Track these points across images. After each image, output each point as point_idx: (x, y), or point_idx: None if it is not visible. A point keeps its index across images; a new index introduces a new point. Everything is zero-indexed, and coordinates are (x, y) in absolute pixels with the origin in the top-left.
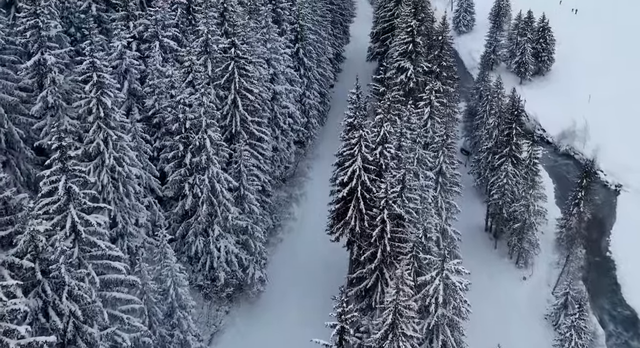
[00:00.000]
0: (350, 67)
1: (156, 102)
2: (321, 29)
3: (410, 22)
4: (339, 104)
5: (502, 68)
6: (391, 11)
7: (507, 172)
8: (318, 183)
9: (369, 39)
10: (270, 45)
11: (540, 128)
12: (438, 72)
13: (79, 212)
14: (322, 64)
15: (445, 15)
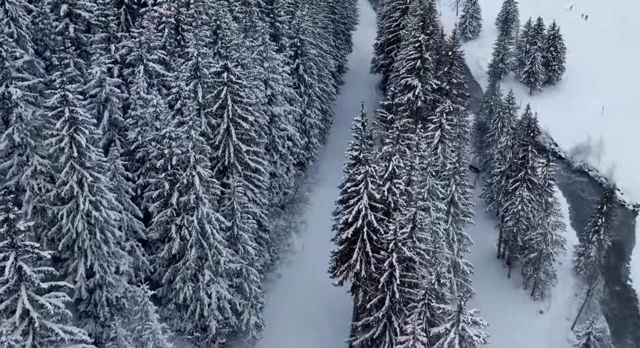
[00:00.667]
0: (353, 78)
1: (139, 135)
2: (322, 41)
3: (418, 36)
4: (341, 118)
5: (511, 77)
6: (397, 21)
7: (522, 197)
8: (320, 209)
9: (372, 46)
10: (267, 65)
11: (552, 142)
12: (448, 90)
13: (31, 294)
14: (324, 79)
15: (455, 29)
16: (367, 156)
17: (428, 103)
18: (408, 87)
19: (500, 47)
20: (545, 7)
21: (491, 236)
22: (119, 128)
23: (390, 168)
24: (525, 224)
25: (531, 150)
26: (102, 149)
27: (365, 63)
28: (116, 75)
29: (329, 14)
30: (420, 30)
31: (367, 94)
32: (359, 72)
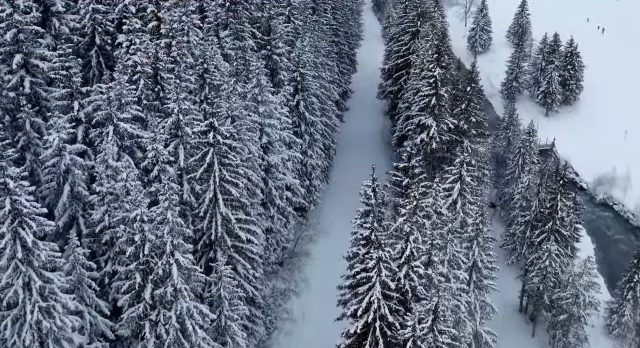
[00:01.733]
0: (358, 100)
1: (106, 214)
2: (326, 69)
3: (433, 70)
4: (346, 147)
5: (525, 96)
6: (406, 45)
7: (550, 252)
8: (323, 264)
9: (378, 62)
10: (263, 109)
11: (572, 171)
12: (466, 129)
13: None
14: (327, 111)
15: (475, 62)
16: (380, 237)
17: (444, 143)
18: (421, 127)
19: (514, 65)
20: (558, 19)
21: (512, 287)
22: (84, 203)
23: (407, 251)
24: (553, 281)
25: (561, 199)
26: (63, 228)
27: (371, 82)
28: (80, 139)
29: (333, 35)
30: (435, 62)
31: (374, 120)
32: (364, 93)
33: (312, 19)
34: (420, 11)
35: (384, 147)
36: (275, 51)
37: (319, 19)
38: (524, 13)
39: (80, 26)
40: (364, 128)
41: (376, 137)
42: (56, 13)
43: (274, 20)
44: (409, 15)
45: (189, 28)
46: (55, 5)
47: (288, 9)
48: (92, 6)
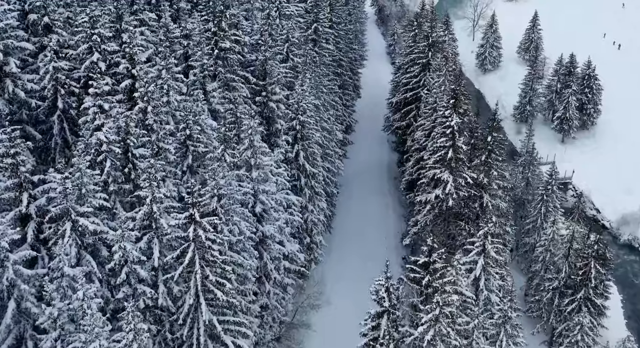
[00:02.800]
0: (361, 130)
1: (59, 340)
2: (328, 108)
3: (450, 120)
4: (349, 187)
5: (540, 120)
6: (417, 77)
7: (582, 325)
8: (324, 336)
9: (382, 82)
10: (256, 174)
11: (593, 207)
12: (486, 183)
13: None
14: (330, 156)
15: (497, 106)
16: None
17: (461, 198)
18: (436, 182)
19: (527, 87)
20: (572, 34)
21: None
22: (34, 319)
23: None
24: None
25: (595, 266)
26: None
27: (375, 105)
28: (31, 239)
29: (336, 66)
30: (452, 109)
31: (379, 150)
32: (369, 120)
33: (313, 56)
34: (432, 41)
35: (391, 184)
36: (271, 98)
37: (320, 52)
38: (535, 28)
39: (40, 87)
40: (369, 161)
41: (382, 172)
42: (10, 74)
43: (270, 62)
44: (418, 45)
45: (169, 86)
46: (9, 64)
47: (286, 46)
48: (54, 64)
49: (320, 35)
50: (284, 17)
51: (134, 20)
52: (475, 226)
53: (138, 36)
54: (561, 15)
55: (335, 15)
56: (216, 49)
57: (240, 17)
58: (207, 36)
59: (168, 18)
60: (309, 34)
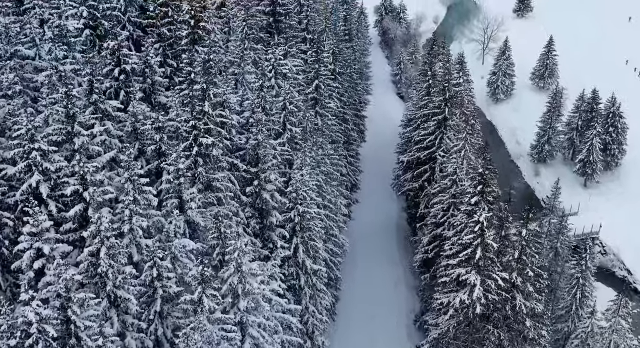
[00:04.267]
0: (367, 180)
1: None
2: (333, 179)
3: (478, 213)
4: (354, 254)
5: (559, 160)
6: (432, 135)
7: None
8: None
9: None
10: (245, 303)
11: (623, 266)
12: (519, 284)
13: None
14: (333, 236)
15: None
16: None
17: (490, 301)
18: (461, 284)
19: (546, 126)
20: (588, 59)
21: None
22: None
23: None
24: None
25: None
26: None
27: (383, 149)
28: None
29: (340, 120)
30: (479, 196)
31: (387, 206)
32: (375, 163)
33: (314, 122)
34: (449, 96)
35: (401, 248)
36: (265, 186)
37: (322, 112)
38: (550, 53)
39: None
40: (376, 220)
41: (391, 233)
42: None
43: (264, 144)
44: (434, 99)
45: (132, 212)
46: None
47: (283, 115)
48: None
49: (323, 93)
50: (280, 76)
51: (92, 114)
52: (506, 331)
53: (97, 136)
54: (570, 29)
55: (339, 64)
56: (195, 145)
57: (227, 94)
58: (185, 129)
59: (137, 107)
60: (310, 92)
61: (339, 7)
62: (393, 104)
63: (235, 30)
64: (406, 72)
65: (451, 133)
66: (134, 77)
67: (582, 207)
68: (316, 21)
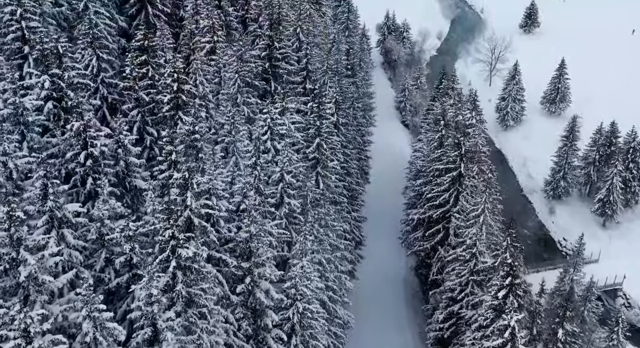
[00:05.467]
0: (372, 236)
1: None
2: (335, 250)
3: (509, 314)
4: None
5: (575, 196)
6: (447, 192)
7: None
8: None
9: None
10: None
11: None
12: None
13: None
14: (337, 317)
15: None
16: None
17: None
18: None
19: (562, 161)
20: (601, 83)
21: None
22: None
23: None
24: None
25: None
26: None
27: (388, 188)
28: None
29: (343, 178)
30: (508, 288)
31: (394, 260)
32: (381, 210)
33: (315, 191)
34: (464, 150)
35: (410, 310)
36: (259, 284)
37: (324, 173)
38: (562, 77)
39: None
40: (382, 275)
41: (398, 290)
42: None
43: (256, 239)
44: (448, 153)
45: None
46: None
47: (280, 187)
48: None
49: (325, 152)
50: (276, 137)
51: (47, 224)
52: None
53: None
54: (578, 45)
55: (342, 113)
56: (174, 257)
57: (214, 176)
58: (162, 238)
59: (103, 209)
60: (311, 152)
61: (341, 37)
62: (398, 133)
63: (227, 83)
64: (411, 99)
65: (467, 191)
66: (104, 161)
67: (596, 245)
68: (316, 58)
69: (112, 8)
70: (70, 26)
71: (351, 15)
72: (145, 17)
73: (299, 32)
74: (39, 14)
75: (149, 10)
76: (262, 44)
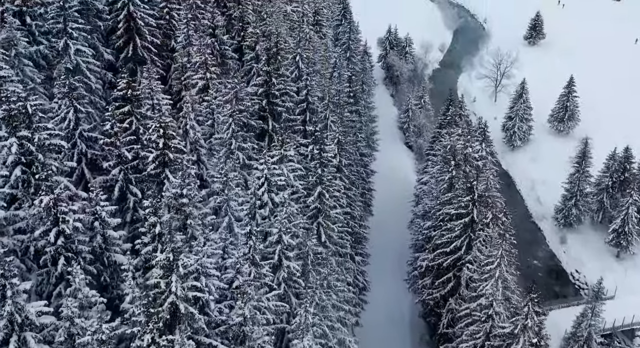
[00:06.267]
0: (376, 273)
1: None
2: (341, 312)
3: None
4: None
5: (587, 225)
6: (459, 239)
7: None
8: None
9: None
10: None
11: None
12: None
13: None
14: None
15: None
16: None
17: None
18: None
19: (574, 187)
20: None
21: None
22: None
23: None
24: None
25: None
26: None
27: (392, 218)
28: None
29: (347, 223)
30: None
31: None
32: (385, 244)
33: (316, 251)
34: (477, 196)
35: None
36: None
37: (326, 224)
38: (571, 95)
39: None
40: (387, 321)
41: (404, 335)
42: None
43: (250, 322)
44: (459, 197)
45: None
46: None
47: (278, 249)
48: None
49: (327, 201)
50: (274, 188)
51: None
52: None
53: None
54: (583, 57)
55: (345, 154)
56: None
57: (204, 253)
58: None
59: (73, 307)
60: (312, 202)
61: (343, 61)
62: (401, 156)
63: (221, 127)
64: (414, 120)
65: (481, 239)
66: (77, 238)
67: (612, 279)
68: (317, 88)
69: (98, 40)
70: (50, 65)
71: (352, 35)
72: (133, 49)
73: (298, 60)
74: (14, 54)
75: (137, 42)
76: (259, 80)
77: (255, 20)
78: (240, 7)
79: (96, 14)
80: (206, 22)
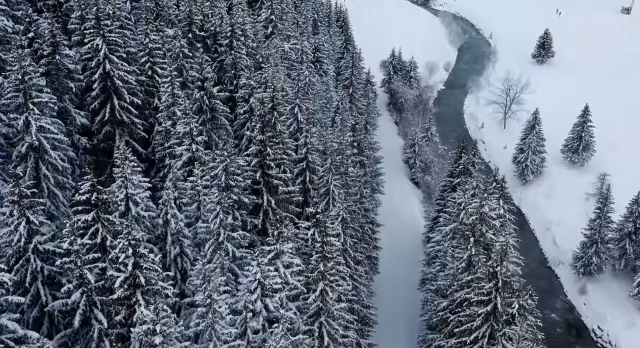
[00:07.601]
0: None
1: None
2: None
3: None
4: None
5: (608, 273)
6: (480, 329)
7: None
8: None
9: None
10: None
11: None
12: None
13: None
14: None
15: None
16: None
17: None
18: None
19: (594, 233)
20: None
21: None
22: None
23: None
24: None
25: None
26: None
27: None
28: None
29: (352, 309)
30: None
31: None
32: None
33: None
34: (502, 281)
35: None
36: None
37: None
38: (585, 125)
39: None
40: None
41: None
42: None
43: None
44: (481, 283)
45: None
46: None
47: None
48: None
49: (330, 301)
50: (269, 291)
51: None
52: None
53: None
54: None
55: (350, 232)
56: None
57: None
58: None
59: None
60: (314, 300)
61: (346, 104)
62: (408, 195)
63: (207, 216)
64: (421, 155)
65: (505, 337)
66: None
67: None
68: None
69: (70, 102)
70: (10, 144)
71: (355, 71)
72: (110, 111)
73: (297, 112)
74: None
75: (115, 103)
76: (253, 149)
77: (250, 66)
78: (232, 53)
79: (67, 74)
80: (194, 73)
